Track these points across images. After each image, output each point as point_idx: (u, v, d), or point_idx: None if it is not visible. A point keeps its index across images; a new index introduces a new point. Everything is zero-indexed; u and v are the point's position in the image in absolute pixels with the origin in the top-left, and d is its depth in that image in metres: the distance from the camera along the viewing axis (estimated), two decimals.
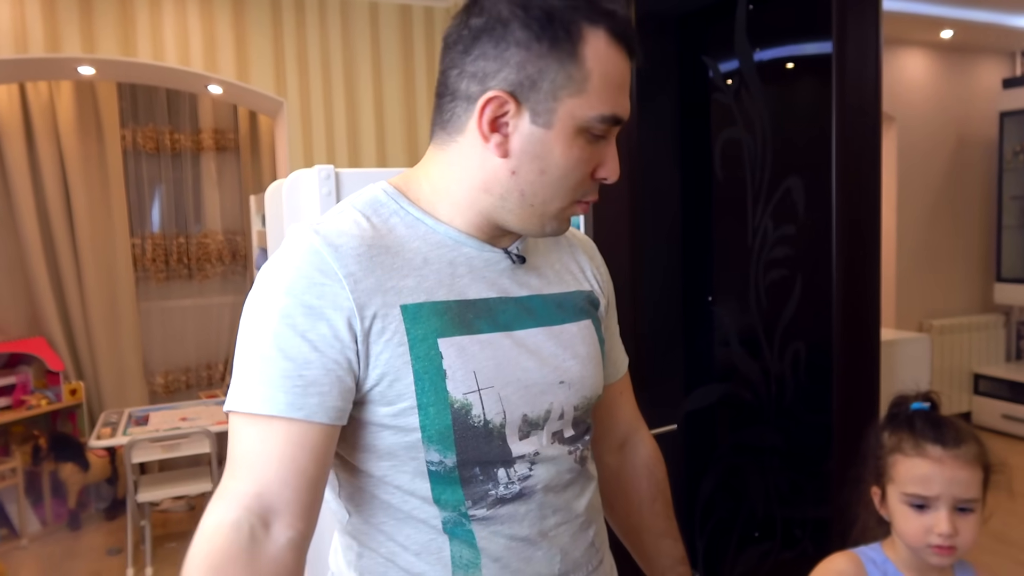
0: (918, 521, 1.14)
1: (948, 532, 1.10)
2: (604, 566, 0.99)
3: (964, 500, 1.11)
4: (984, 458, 1.14)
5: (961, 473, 1.10)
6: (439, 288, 0.84)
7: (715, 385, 1.96)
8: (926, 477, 1.13)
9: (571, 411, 0.92)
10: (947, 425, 1.16)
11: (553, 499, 0.89)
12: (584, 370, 0.93)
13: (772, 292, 1.98)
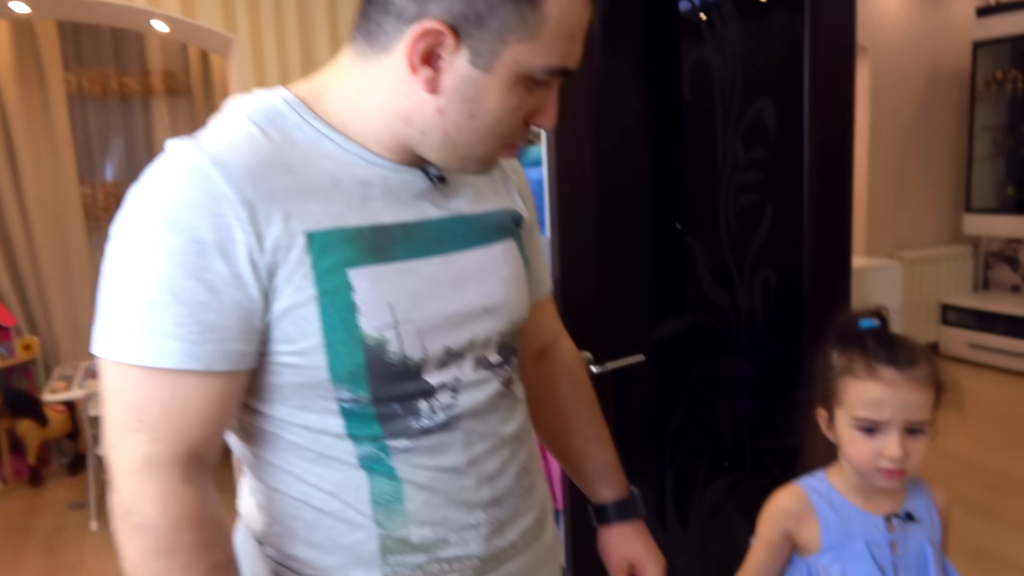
0: (868, 445, 1.09)
1: (899, 456, 1.06)
2: (537, 489, 0.94)
3: (915, 422, 1.07)
4: (936, 378, 1.09)
5: (914, 395, 1.06)
6: (349, 212, 0.75)
7: (685, 315, 1.90)
8: (878, 401, 1.08)
9: (496, 337, 0.85)
10: (900, 344, 1.11)
11: (479, 426, 0.83)
12: (509, 294, 0.87)
13: (742, 218, 1.92)
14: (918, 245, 5.10)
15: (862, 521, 1.14)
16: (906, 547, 1.12)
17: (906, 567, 1.12)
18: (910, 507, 1.15)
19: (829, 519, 1.16)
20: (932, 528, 1.15)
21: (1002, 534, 2.89)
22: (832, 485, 1.19)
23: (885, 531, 1.13)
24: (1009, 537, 2.87)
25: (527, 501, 0.90)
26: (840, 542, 1.15)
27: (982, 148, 4.92)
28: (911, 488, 1.17)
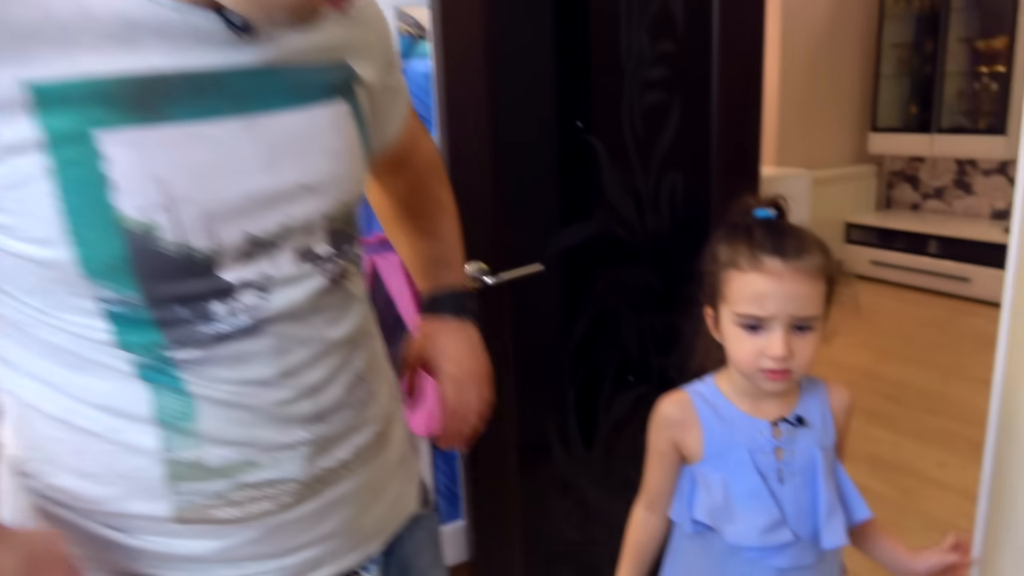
0: (751, 343, 1.00)
1: (781, 354, 0.97)
2: (379, 400, 0.80)
3: (802, 318, 0.98)
4: (828, 270, 1.00)
5: (801, 288, 0.97)
6: (100, 57, 0.56)
7: (588, 221, 1.77)
8: (761, 295, 0.98)
9: (322, 222, 0.69)
10: (789, 234, 1.00)
11: (298, 330, 0.68)
12: (338, 169, 0.70)
13: (648, 117, 1.78)
14: (825, 164, 5.13)
15: (746, 427, 1.07)
16: (793, 453, 1.05)
17: (792, 474, 1.05)
18: (802, 411, 1.07)
19: (712, 425, 1.08)
20: (825, 432, 1.07)
21: (899, 441, 2.96)
22: (719, 390, 1.11)
23: (771, 437, 1.06)
24: (905, 445, 2.94)
25: (363, 414, 0.76)
26: (722, 449, 1.08)
27: (889, 65, 4.93)
28: (806, 391, 1.09)
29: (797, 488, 1.05)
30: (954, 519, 2.42)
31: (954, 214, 5.03)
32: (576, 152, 1.73)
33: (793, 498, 1.05)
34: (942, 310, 4.44)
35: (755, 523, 1.04)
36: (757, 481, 1.05)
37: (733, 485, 1.06)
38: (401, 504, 0.86)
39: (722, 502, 1.07)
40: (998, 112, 4.41)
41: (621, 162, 1.77)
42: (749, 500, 1.05)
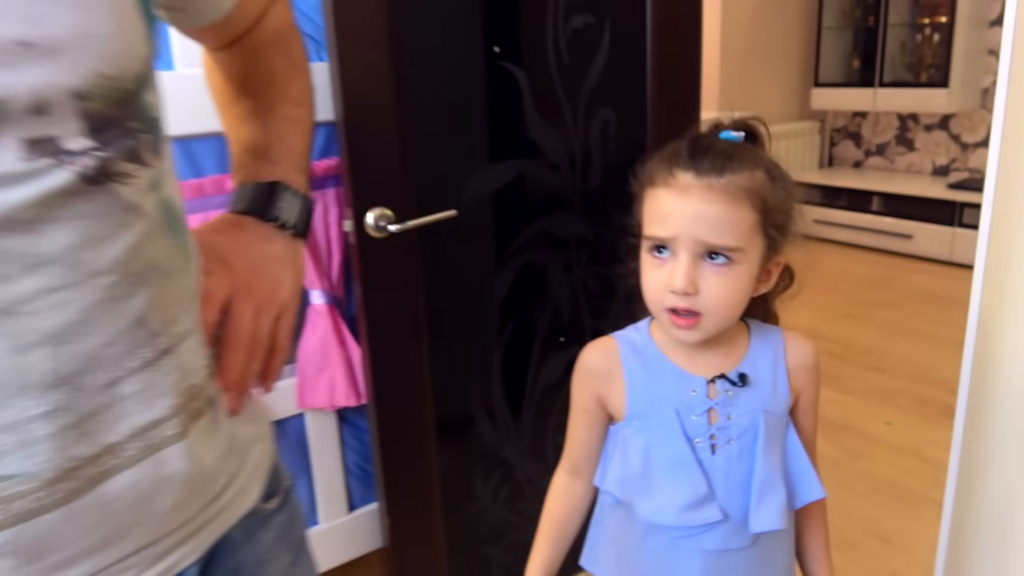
0: (657, 275, 0.83)
1: (680, 286, 0.79)
2: (183, 357, 0.57)
3: (714, 246, 0.80)
4: (760, 193, 0.81)
5: (713, 208, 0.79)
6: None
7: (510, 163, 1.57)
8: (665, 212, 0.81)
9: (70, 101, 0.47)
10: (718, 150, 0.82)
11: (23, 245, 0.46)
12: (89, 24, 0.48)
13: (575, 44, 1.58)
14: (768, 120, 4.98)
15: (677, 383, 0.89)
16: (730, 417, 0.88)
17: (727, 441, 0.88)
18: (748, 367, 0.90)
19: (637, 379, 0.91)
20: (776, 394, 0.90)
21: (844, 400, 2.87)
22: (652, 338, 0.93)
23: (704, 396, 0.88)
24: (851, 404, 2.85)
25: (153, 377, 0.54)
26: (646, 408, 0.90)
27: (831, 18, 4.81)
28: (757, 343, 0.92)
29: (732, 458, 0.88)
30: (902, 479, 2.33)
31: (896, 171, 4.97)
32: (495, 84, 1.52)
33: (726, 470, 0.88)
34: (885, 267, 4.38)
35: (676, 498, 0.88)
36: (683, 448, 0.87)
37: (655, 451, 0.89)
38: (228, 499, 0.65)
39: (639, 471, 0.90)
40: (941, 64, 4.33)
41: (546, 96, 1.57)
42: (672, 470, 0.88)
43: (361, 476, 1.65)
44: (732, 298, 0.83)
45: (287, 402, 1.51)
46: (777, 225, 0.84)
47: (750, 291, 0.85)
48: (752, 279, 0.84)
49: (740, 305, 0.84)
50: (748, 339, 0.92)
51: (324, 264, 1.49)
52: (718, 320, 0.83)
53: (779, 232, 0.84)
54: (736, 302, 0.83)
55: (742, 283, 0.83)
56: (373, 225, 1.36)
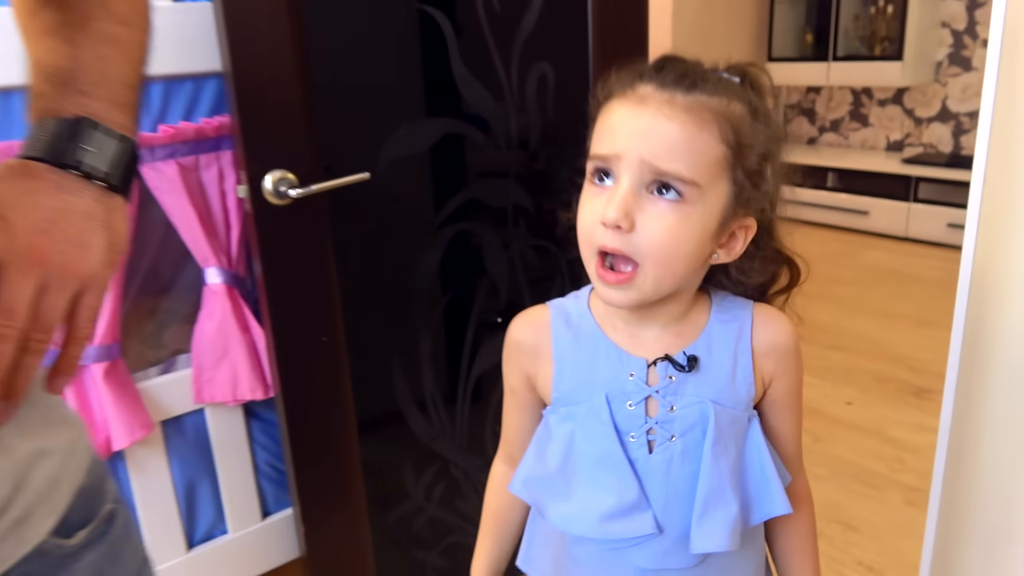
0: (591, 207, 0.67)
1: (612, 215, 0.62)
2: None
3: (666, 173, 0.63)
4: (733, 124, 0.65)
5: (670, 126, 0.62)
6: None
7: (435, 121, 1.39)
8: (613, 125, 0.65)
9: None
10: (692, 67, 0.66)
11: None
12: None
13: None
14: None
15: (612, 363, 0.73)
16: (673, 409, 0.72)
17: (669, 438, 0.72)
18: (702, 347, 0.73)
19: (565, 356, 0.75)
20: (735, 382, 0.73)
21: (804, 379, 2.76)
22: (591, 307, 0.77)
23: (643, 381, 0.72)
24: (811, 383, 2.73)
25: None
26: (574, 391, 0.74)
27: None
28: (719, 318, 0.75)
29: (673, 459, 0.72)
30: (865, 461, 2.23)
31: (851, 147, 4.90)
32: (417, 31, 1.35)
33: (664, 473, 0.72)
34: (842, 244, 4.31)
35: (597, 503, 0.72)
36: (611, 443, 0.72)
37: (580, 445, 0.73)
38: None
39: (557, 468, 0.74)
40: (895, 37, 4.25)
41: (475, 46, 1.39)
42: (596, 469, 0.72)
43: (275, 478, 1.47)
44: (677, 246, 0.65)
45: (183, 397, 1.32)
46: (750, 171, 0.67)
47: (704, 248, 0.68)
48: (708, 233, 0.67)
49: (687, 261, 0.67)
50: (707, 310, 0.76)
51: (221, 238, 1.29)
52: (657, 275, 0.66)
53: (751, 182, 0.67)
54: (682, 253, 0.66)
55: (693, 231, 0.66)
56: (272, 190, 1.18)
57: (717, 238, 0.69)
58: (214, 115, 1.25)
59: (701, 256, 0.69)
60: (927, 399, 2.58)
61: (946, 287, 3.75)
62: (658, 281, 0.67)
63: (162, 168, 1.22)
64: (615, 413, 0.72)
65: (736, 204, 0.68)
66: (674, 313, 0.73)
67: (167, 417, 1.32)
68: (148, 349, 1.37)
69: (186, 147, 1.23)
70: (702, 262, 0.70)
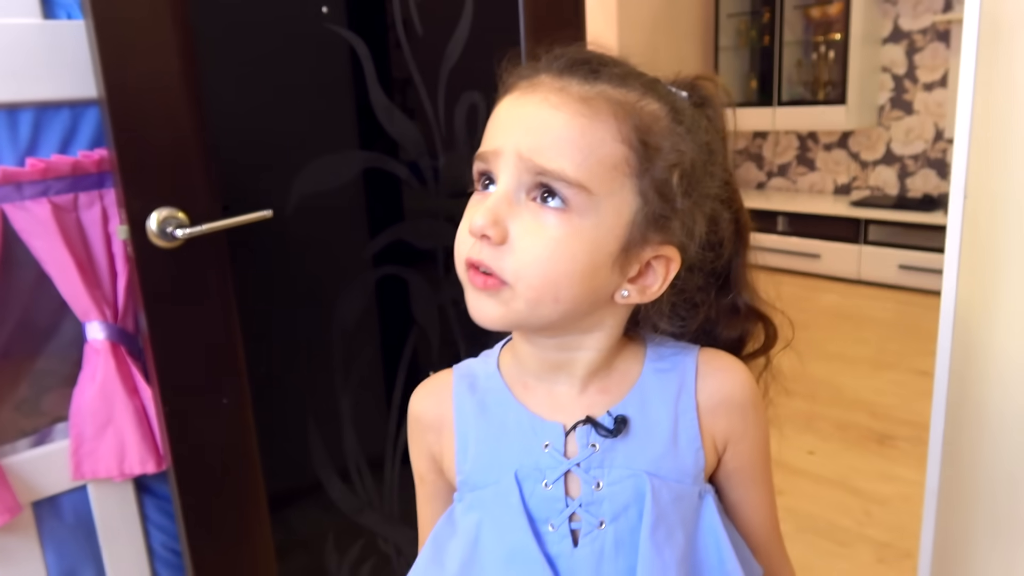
0: (466, 217, 0.55)
1: (478, 222, 0.49)
2: None
3: (548, 172, 0.50)
4: (642, 123, 0.52)
5: (557, 116, 0.52)
6: None
7: (351, 154, 1.26)
8: (497, 119, 0.56)
9: None
10: (599, 56, 0.55)
11: None
12: None
13: (429, 11, 1.29)
14: None
15: (523, 433, 0.59)
16: (602, 485, 0.57)
17: (598, 524, 0.57)
18: (633, 406, 0.59)
19: (468, 430, 0.61)
20: (677, 448, 0.59)
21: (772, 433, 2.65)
22: (500, 367, 0.63)
23: (560, 453, 0.58)
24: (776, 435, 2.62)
25: None
26: (480, 472, 0.60)
27: (727, 38, 4.74)
28: (655, 369, 0.60)
29: (604, 552, 0.57)
30: (830, 515, 2.10)
31: (799, 191, 4.91)
32: (329, 55, 1.22)
33: (595, 571, 0.57)
34: (795, 287, 4.26)
35: None
36: (523, 535, 0.57)
37: (487, 541, 0.59)
38: None
39: (456, 572, 0.59)
40: (837, 82, 4.29)
41: (395, 73, 1.27)
42: (504, 571, 0.57)
43: (175, 563, 1.28)
44: (557, 266, 0.52)
45: (59, 473, 1.13)
46: (663, 186, 0.54)
47: (599, 274, 0.54)
48: (603, 255, 0.53)
49: (573, 287, 0.53)
50: (640, 361, 0.61)
51: (105, 288, 1.13)
52: (531, 298, 0.52)
53: (665, 201, 0.54)
54: (564, 275, 0.52)
55: (581, 249, 0.52)
56: (157, 231, 1.03)
57: (622, 267, 0.55)
58: (95, 148, 1.09)
59: (596, 285, 0.54)
60: (890, 446, 2.48)
61: (900, 328, 3.72)
62: (532, 307, 0.53)
63: (31, 207, 1.06)
64: (528, 496, 0.57)
65: (646, 225, 0.54)
66: (592, 363, 0.59)
67: (39, 497, 1.13)
68: (22, 418, 1.19)
69: (61, 184, 1.08)
70: (602, 296, 0.56)
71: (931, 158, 4.25)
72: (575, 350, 0.58)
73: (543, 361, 0.59)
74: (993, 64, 0.72)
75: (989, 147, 0.76)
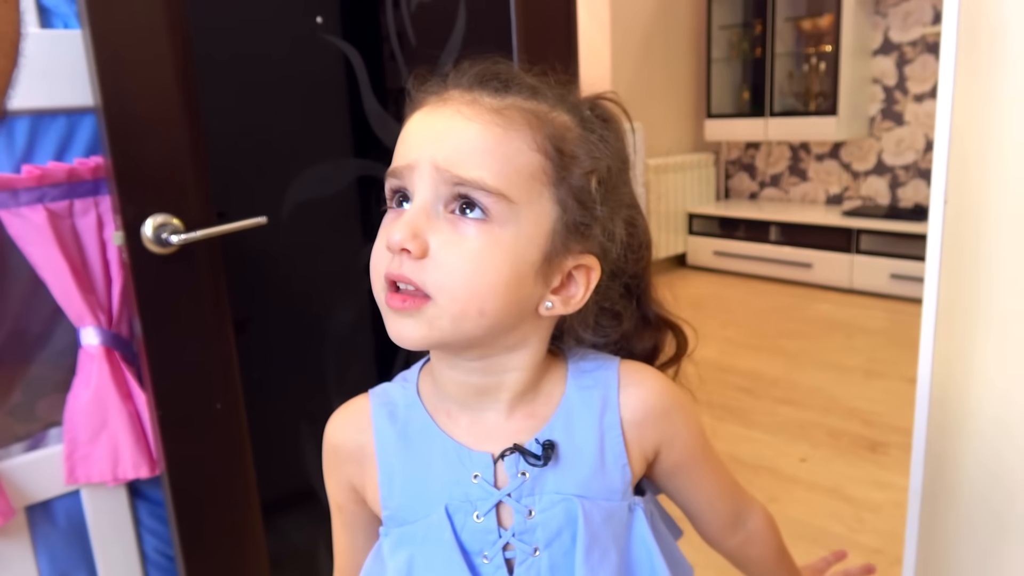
0: (382, 235, 0.54)
1: (397, 239, 0.49)
2: None
3: (466, 181, 0.50)
4: (555, 132, 0.53)
5: (466, 127, 0.52)
6: None
7: (346, 161, 1.27)
8: (405, 135, 0.55)
9: None
10: (507, 69, 0.56)
11: None
12: None
13: (422, 22, 1.31)
14: (662, 152, 4.91)
15: (452, 465, 0.58)
16: (534, 512, 0.57)
17: (533, 552, 0.57)
18: (559, 428, 0.58)
19: (392, 461, 0.60)
20: (606, 467, 0.58)
21: (755, 437, 2.66)
22: (420, 393, 0.62)
23: (491, 484, 0.57)
24: (762, 440, 2.64)
25: None
26: (408, 507, 0.59)
27: (719, 49, 4.78)
28: (577, 386, 0.60)
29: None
30: (823, 522, 2.11)
31: (791, 201, 4.94)
32: (324, 65, 1.24)
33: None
34: (787, 297, 4.28)
35: None
36: (458, 570, 0.56)
37: (421, 575, 0.58)
38: None
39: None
40: (828, 93, 4.33)
41: (389, 83, 1.29)
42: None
43: (167, 567, 1.28)
44: (481, 277, 0.51)
45: (52, 477, 1.14)
46: (582, 193, 0.54)
47: (523, 285, 0.53)
48: (526, 265, 0.53)
49: (497, 298, 0.52)
50: (563, 381, 0.61)
51: (100, 294, 1.14)
52: (455, 312, 0.51)
53: (584, 208, 0.55)
54: (489, 287, 0.52)
55: (503, 260, 0.52)
56: (152, 237, 1.04)
57: (545, 277, 0.55)
58: (91, 155, 1.11)
59: (520, 296, 0.54)
60: (882, 453, 2.49)
61: (892, 337, 3.74)
62: (458, 320, 0.52)
63: (27, 214, 1.07)
64: (460, 530, 0.57)
65: (566, 234, 0.54)
66: (519, 384, 0.58)
67: (33, 502, 1.14)
68: (16, 423, 1.19)
69: (57, 190, 1.09)
70: (527, 308, 0.55)
71: (922, 168, 4.28)
72: (501, 372, 0.58)
73: (467, 387, 0.58)
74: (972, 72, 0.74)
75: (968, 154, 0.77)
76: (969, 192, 0.81)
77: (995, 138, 0.76)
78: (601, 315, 0.61)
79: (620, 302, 0.62)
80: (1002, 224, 0.77)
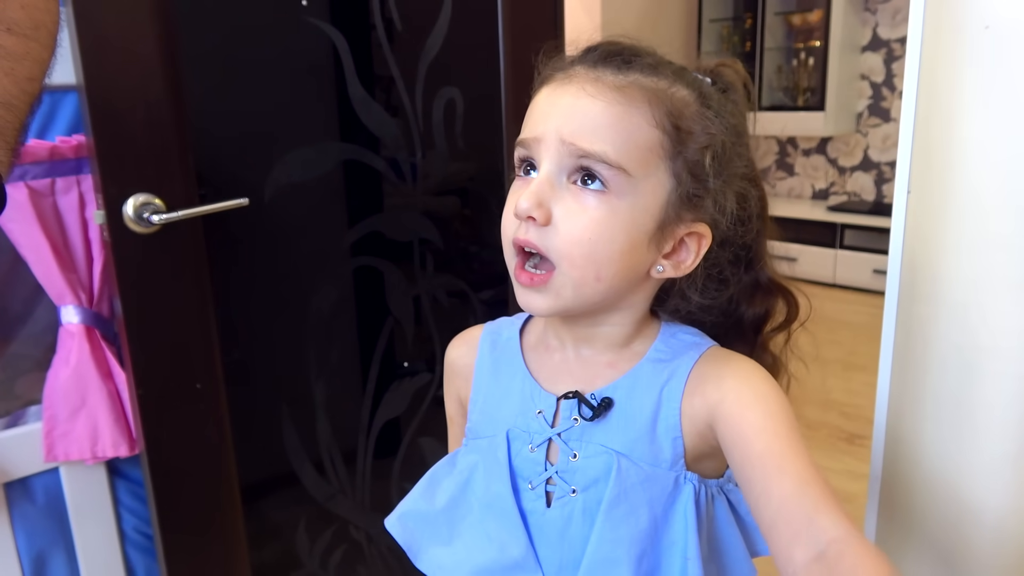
0: (510, 202, 0.59)
1: (524, 204, 0.53)
2: None
3: (589, 154, 0.54)
4: (673, 108, 0.56)
5: (595, 103, 0.55)
6: None
7: (329, 146, 1.28)
8: (536, 108, 0.60)
9: None
10: (629, 47, 0.59)
11: None
12: None
13: (408, 6, 1.32)
14: None
15: (524, 397, 0.64)
16: (578, 456, 0.60)
17: (571, 491, 0.60)
18: (623, 388, 0.60)
19: (482, 383, 0.68)
20: (655, 436, 0.59)
21: None
22: (524, 331, 0.69)
23: (548, 422, 0.62)
24: None
25: None
26: (483, 423, 0.67)
27: (710, 43, 4.78)
28: (657, 355, 0.61)
29: (573, 517, 0.60)
30: None
31: (778, 195, 4.97)
32: (309, 48, 1.24)
33: (561, 532, 0.60)
34: None
35: (474, 555, 0.62)
36: (503, 488, 0.62)
37: (475, 485, 0.64)
38: None
39: (444, 507, 0.65)
40: (816, 88, 4.35)
41: (375, 68, 1.29)
42: (483, 515, 0.63)
43: (145, 546, 1.29)
44: (600, 245, 0.56)
45: (31, 455, 1.14)
46: (696, 167, 0.57)
47: (637, 252, 0.57)
48: (641, 233, 0.57)
49: (613, 265, 0.57)
50: (650, 344, 0.63)
51: (80, 272, 1.14)
52: (577, 278, 0.56)
53: (697, 180, 0.58)
54: (607, 254, 0.56)
55: (621, 229, 0.56)
56: (133, 216, 1.04)
57: (657, 244, 0.59)
58: (73, 133, 1.11)
59: (634, 262, 0.58)
60: (859, 445, 2.53)
61: (873, 332, 3.76)
62: (578, 286, 0.57)
63: (8, 191, 1.07)
64: (514, 455, 0.62)
65: (679, 204, 0.58)
66: (613, 338, 0.63)
67: (11, 479, 1.14)
68: None
69: (39, 168, 1.09)
70: (639, 272, 0.60)
71: None
72: (601, 324, 0.62)
73: (570, 332, 0.64)
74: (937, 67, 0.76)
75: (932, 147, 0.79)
76: (931, 184, 0.83)
77: (956, 134, 0.78)
78: (708, 279, 0.64)
79: (728, 268, 0.65)
80: (964, 216, 0.79)
